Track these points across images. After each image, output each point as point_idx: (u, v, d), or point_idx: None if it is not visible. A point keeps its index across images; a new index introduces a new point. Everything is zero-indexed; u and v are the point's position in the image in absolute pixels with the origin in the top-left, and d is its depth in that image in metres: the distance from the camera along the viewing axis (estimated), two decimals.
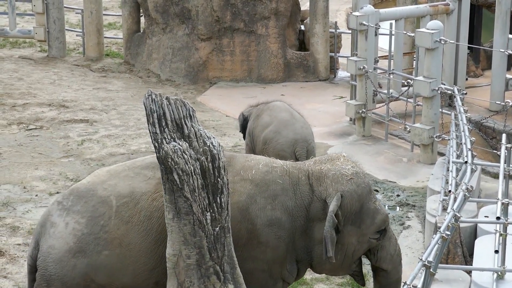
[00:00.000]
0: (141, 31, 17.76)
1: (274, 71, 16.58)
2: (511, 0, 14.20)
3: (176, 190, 6.24)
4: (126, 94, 15.81)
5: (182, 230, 6.27)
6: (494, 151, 11.99)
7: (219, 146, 6.40)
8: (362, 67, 13.17)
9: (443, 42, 12.14)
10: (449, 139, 10.17)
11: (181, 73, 16.67)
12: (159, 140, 6.26)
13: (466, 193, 7.00)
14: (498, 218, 6.93)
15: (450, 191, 7.75)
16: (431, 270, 6.05)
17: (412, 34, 13.19)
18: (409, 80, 13.17)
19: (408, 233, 10.20)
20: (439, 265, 6.40)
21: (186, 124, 6.34)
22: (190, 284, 6.33)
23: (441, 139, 12.23)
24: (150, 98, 6.32)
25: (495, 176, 11.33)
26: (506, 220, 6.95)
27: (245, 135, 10.91)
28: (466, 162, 7.94)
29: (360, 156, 12.56)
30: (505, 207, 7.11)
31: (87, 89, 16.02)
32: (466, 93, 11.78)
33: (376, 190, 11.50)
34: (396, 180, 11.82)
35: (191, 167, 6.24)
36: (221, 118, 14.43)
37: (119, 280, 6.69)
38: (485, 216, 8.88)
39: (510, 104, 11.78)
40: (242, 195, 6.73)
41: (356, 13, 13.36)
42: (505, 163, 7.96)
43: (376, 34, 13.38)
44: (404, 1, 16.36)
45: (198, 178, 6.27)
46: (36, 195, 11.13)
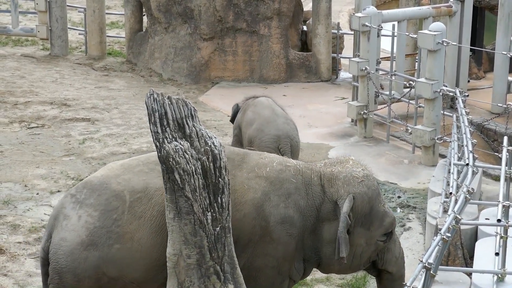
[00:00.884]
0: (144, 30, 17.76)
1: (276, 72, 16.58)
2: None
3: (177, 190, 6.25)
4: (128, 93, 15.81)
5: (183, 230, 6.28)
6: (496, 154, 12.00)
7: (221, 146, 6.40)
8: (364, 68, 13.17)
9: (446, 44, 12.14)
10: (451, 141, 10.17)
11: (183, 73, 16.68)
12: (161, 140, 6.27)
13: (467, 195, 6.99)
14: (499, 221, 6.93)
15: (451, 193, 7.75)
16: (432, 272, 6.05)
17: (415, 36, 13.19)
18: (411, 82, 13.17)
19: (409, 235, 10.20)
20: (440, 267, 6.39)
21: (188, 124, 6.34)
22: (190, 284, 6.33)
23: (443, 141, 12.24)
24: (152, 98, 6.32)
25: (496, 179, 11.33)
26: (507, 223, 6.95)
27: (234, 126, 11.16)
28: (468, 164, 7.93)
29: (361, 157, 12.53)
30: (506, 210, 7.10)
31: (89, 88, 16.03)
32: (468, 95, 11.77)
33: None
34: (397, 182, 11.82)
35: (192, 167, 6.24)
36: (223, 118, 14.43)
37: (130, 275, 6.70)
38: (486, 218, 8.88)
39: None
40: (257, 192, 6.78)
41: (359, 14, 13.36)
42: (507, 166, 7.95)
43: (379, 36, 13.37)
44: (407, 3, 16.36)
45: (199, 178, 6.27)
46: (37, 194, 11.13)
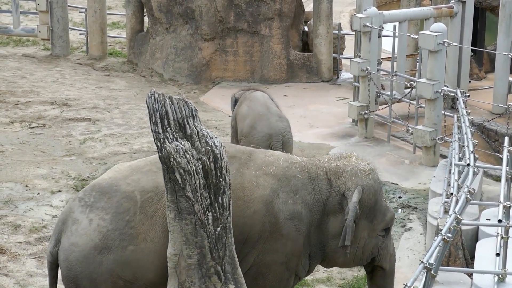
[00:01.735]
0: (145, 31, 17.77)
1: (277, 72, 16.58)
2: None
3: (178, 190, 6.25)
4: (129, 93, 15.82)
5: (184, 230, 6.28)
6: (497, 154, 12.00)
7: (221, 146, 6.40)
8: (365, 69, 13.16)
9: (447, 45, 12.14)
10: (452, 142, 10.16)
11: (184, 73, 16.68)
12: (161, 140, 6.27)
13: (468, 196, 6.99)
14: (500, 221, 6.92)
15: (452, 194, 7.74)
16: (432, 272, 6.05)
17: (416, 36, 13.18)
18: (412, 82, 13.17)
19: (410, 235, 10.20)
20: (440, 268, 6.39)
21: (189, 124, 6.34)
22: (191, 284, 6.33)
23: (444, 141, 12.24)
24: (153, 98, 6.32)
25: (497, 179, 11.33)
26: (508, 223, 6.95)
27: (232, 117, 11.32)
28: (468, 165, 7.93)
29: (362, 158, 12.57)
30: (507, 210, 7.10)
31: (90, 88, 16.03)
32: (469, 96, 11.78)
33: None
34: (398, 182, 11.82)
35: (193, 167, 6.24)
36: (224, 118, 14.42)
37: (145, 276, 6.67)
38: (487, 219, 8.88)
39: None
40: (266, 189, 6.83)
41: (360, 15, 13.36)
42: (507, 166, 7.95)
43: (380, 36, 13.37)
44: (408, 3, 16.36)
45: (200, 178, 6.27)
46: (38, 194, 11.13)
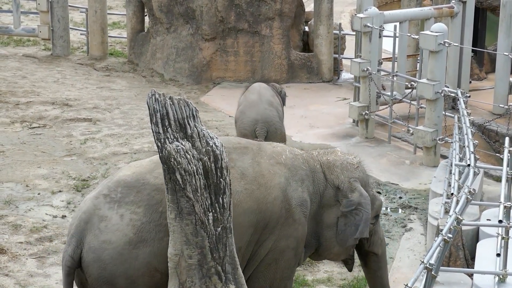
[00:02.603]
0: (145, 31, 17.77)
1: (278, 72, 16.58)
2: None
3: (179, 190, 6.24)
4: (130, 94, 15.82)
5: (184, 230, 6.28)
6: (497, 154, 12.00)
7: (222, 147, 6.40)
8: (366, 69, 13.17)
9: (447, 45, 12.14)
10: (452, 142, 10.16)
11: (185, 73, 16.68)
12: (162, 140, 6.26)
13: (469, 196, 6.99)
14: (500, 221, 6.92)
15: (453, 194, 7.74)
16: (433, 273, 6.05)
17: (416, 37, 13.19)
18: (413, 83, 13.18)
19: (410, 236, 10.20)
20: (441, 268, 6.39)
21: (189, 124, 6.34)
22: (192, 284, 6.33)
23: (444, 142, 12.24)
24: (154, 98, 6.32)
25: (498, 179, 11.32)
26: (509, 223, 6.95)
27: None
28: (469, 165, 7.93)
29: (363, 158, 12.45)
30: (507, 210, 7.10)
31: (91, 88, 16.04)
32: (470, 96, 11.79)
33: (379, 192, 11.50)
34: (399, 182, 11.82)
35: (194, 167, 6.24)
36: (224, 119, 14.43)
37: None
38: (487, 219, 8.88)
39: None
40: (281, 177, 7.06)
41: (361, 15, 13.36)
42: (508, 167, 7.95)
43: (380, 36, 13.38)
44: (409, 4, 16.36)
45: (201, 178, 6.27)
46: (39, 194, 11.13)
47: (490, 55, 15.97)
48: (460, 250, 8.28)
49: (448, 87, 12.25)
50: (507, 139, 8.51)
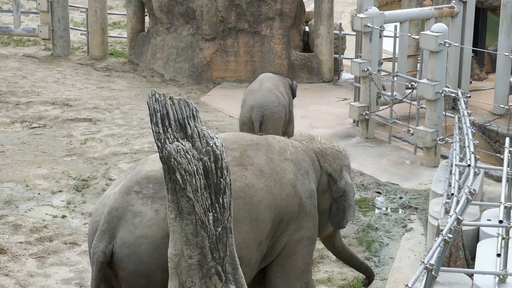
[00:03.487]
0: (146, 31, 17.77)
1: (278, 72, 16.55)
2: None
3: (179, 190, 6.24)
4: (130, 94, 15.82)
5: (184, 230, 6.27)
6: (497, 155, 11.99)
7: (222, 147, 6.40)
8: (366, 69, 13.16)
9: (448, 45, 12.13)
10: (453, 142, 10.16)
11: (185, 73, 16.68)
12: (162, 140, 6.26)
13: (469, 196, 6.99)
14: (501, 222, 6.92)
15: (453, 194, 7.74)
16: (433, 273, 6.05)
17: (417, 37, 13.18)
18: (413, 83, 13.17)
19: (410, 236, 10.19)
20: (441, 268, 6.39)
21: (190, 124, 6.33)
22: (192, 284, 6.32)
23: (445, 142, 12.24)
24: (154, 98, 6.31)
25: (498, 180, 11.32)
26: (509, 224, 6.95)
27: None
28: (469, 165, 7.93)
29: (363, 158, 12.58)
30: (508, 211, 7.10)
31: (91, 88, 16.04)
32: (470, 96, 11.78)
33: (379, 192, 11.50)
34: (399, 183, 11.82)
35: (194, 167, 6.24)
36: (225, 119, 14.43)
37: None
38: (488, 220, 8.88)
39: None
40: (291, 173, 7.30)
41: (361, 15, 13.36)
42: (508, 167, 7.95)
43: (381, 36, 13.37)
44: (409, 4, 16.36)
45: (201, 178, 6.27)
46: (39, 194, 11.13)
47: (491, 55, 15.97)
48: (461, 250, 8.28)
49: (449, 87, 12.25)
50: (508, 139, 8.51)
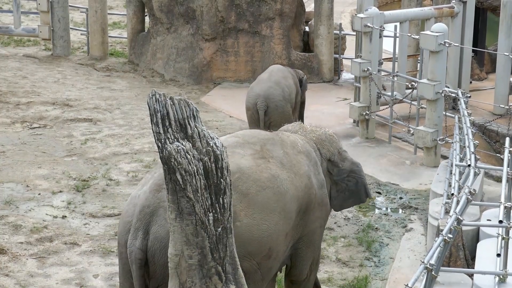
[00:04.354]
0: (146, 31, 17.77)
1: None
2: None
3: (179, 190, 6.24)
4: (130, 94, 15.82)
5: (185, 230, 6.27)
6: (498, 155, 11.99)
7: (223, 147, 6.40)
8: (366, 69, 13.17)
9: (448, 45, 12.13)
10: (453, 142, 10.16)
11: (185, 73, 16.69)
12: (163, 140, 6.26)
13: (469, 196, 6.99)
14: (501, 222, 6.92)
15: (453, 194, 7.74)
16: (433, 273, 6.05)
17: (417, 37, 13.18)
18: (413, 83, 13.17)
19: (411, 236, 10.20)
20: (441, 268, 6.39)
21: (190, 124, 6.33)
22: (192, 284, 6.33)
23: (445, 142, 12.24)
24: (154, 98, 6.31)
25: (498, 180, 11.32)
26: (509, 224, 6.95)
27: None
28: (469, 165, 7.93)
29: (363, 158, 12.57)
30: (508, 211, 7.10)
31: (91, 88, 16.04)
32: (470, 96, 11.78)
33: (379, 192, 11.51)
34: (399, 183, 11.82)
35: (194, 168, 6.24)
36: (225, 119, 14.43)
37: (246, 249, 6.97)
38: (488, 220, 8.88)
39: None
40: (305, 165, 7.53)
41: (361, 15, 13.36)
42: (508, 167, 7.95)
43: (381, 36, 13.38)
44: (409, 4, 16.36)
45: (201, 179, 6.27)
46: (39, 194, 11.13)
47: (491, 55, 15.97)
48: (461, 250, 8.28)
49: (449, 87, 12.26)
50: (508, 139, 8.51)
